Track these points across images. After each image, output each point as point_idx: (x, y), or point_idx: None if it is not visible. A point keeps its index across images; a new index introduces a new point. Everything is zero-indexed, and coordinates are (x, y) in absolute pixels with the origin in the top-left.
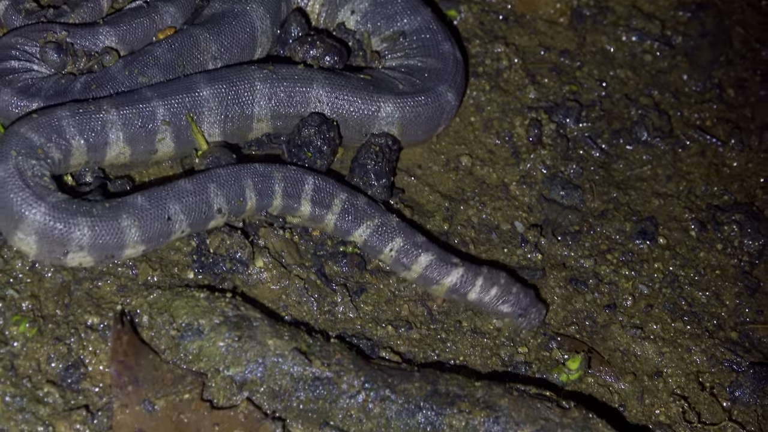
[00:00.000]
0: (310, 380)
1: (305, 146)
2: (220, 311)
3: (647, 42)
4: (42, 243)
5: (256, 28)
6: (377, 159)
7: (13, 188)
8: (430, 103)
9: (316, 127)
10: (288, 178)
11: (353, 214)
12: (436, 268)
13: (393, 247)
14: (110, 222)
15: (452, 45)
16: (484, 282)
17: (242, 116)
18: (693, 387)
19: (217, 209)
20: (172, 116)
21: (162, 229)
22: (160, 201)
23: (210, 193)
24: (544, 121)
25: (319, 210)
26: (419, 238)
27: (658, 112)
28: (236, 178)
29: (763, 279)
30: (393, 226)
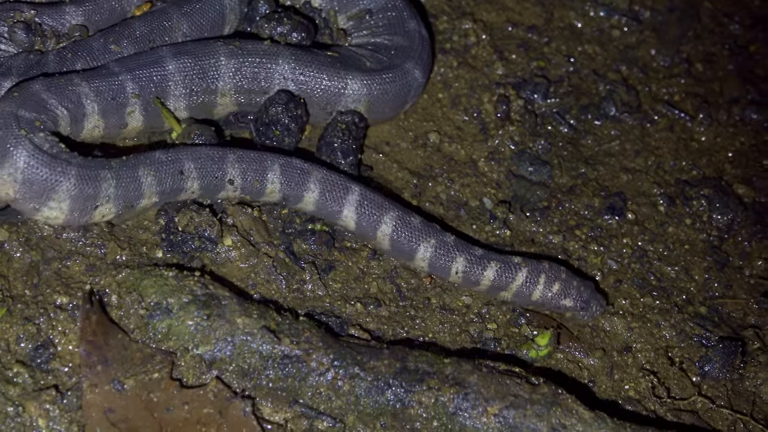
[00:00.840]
0: (279, 358)
1: (273, 125)
2: (189, 290)
3: (615, 17)
4: (75, 204)
5: (225, 5)
6: (344, 137)
7: (41, 163)
8: (397, 80)
9: (284, 105)
10: (327, 181)
11: (408, 232)
12: (503, 274)
13: (458, 268)
14: (130, 172)
15: (418, 23)
16: (547, 279)
17: (206, 91)
18: (662, 362)
19: (228, 180)
20: (141, 89)
21: (174, 184)
22: (176, 156)
23: (227, 163)
24: (512, 97)
25: (367, 224)
26: (477, 250)
27: (626, 87)
28: (259, 160)
29: (732, 253)
30: (451, 245)
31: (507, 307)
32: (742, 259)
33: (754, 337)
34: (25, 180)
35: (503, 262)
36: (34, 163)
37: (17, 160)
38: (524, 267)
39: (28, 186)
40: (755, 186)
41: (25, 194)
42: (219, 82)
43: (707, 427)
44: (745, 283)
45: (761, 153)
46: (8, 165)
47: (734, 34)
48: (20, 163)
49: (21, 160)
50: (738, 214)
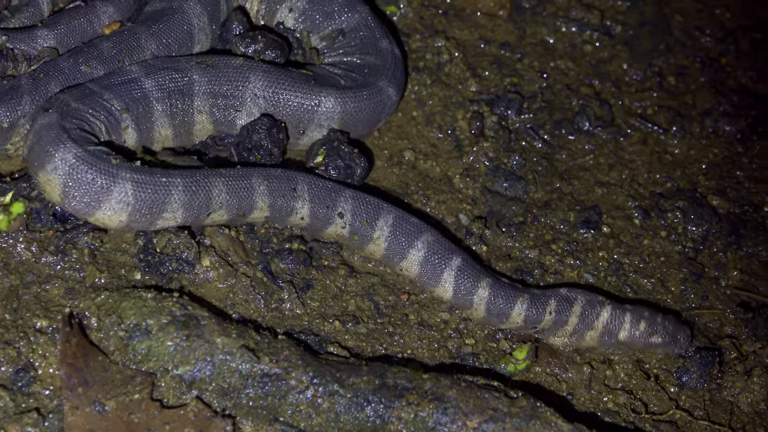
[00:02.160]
0: (259, 377)
1: (255, 149)
2: (168, 311)
3: (587, 32)
4: (137, 208)
5: (194, 25)
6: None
7: (98, 171)
8: (371, 98)
9: (266, 131)
10: (398, 220)
11: (503, 296)
12: (588, 312)
13: (551, 311)
14: (201, 178)
15: (390, 42)
16: (632, 318)
17: (185, 109)
18: (640, 374)
19: (339, 212)
20: (128, 105)
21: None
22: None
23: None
24: (485, 113)
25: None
26: (563, 291)
27: (599, 101)
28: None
29: (708, 264)
30: (544, 299)
31: (484, 326)
32: (718, 269)
33: (731, 347)
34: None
35: (589, 300)
36: (91, 171)
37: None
38: (608, 305)
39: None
40: (729, 197)
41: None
42: (195, 99)
43: None
44: (721, 293)
45: (735, 164)
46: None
47: (706, 46)
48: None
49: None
50: (713, 226)
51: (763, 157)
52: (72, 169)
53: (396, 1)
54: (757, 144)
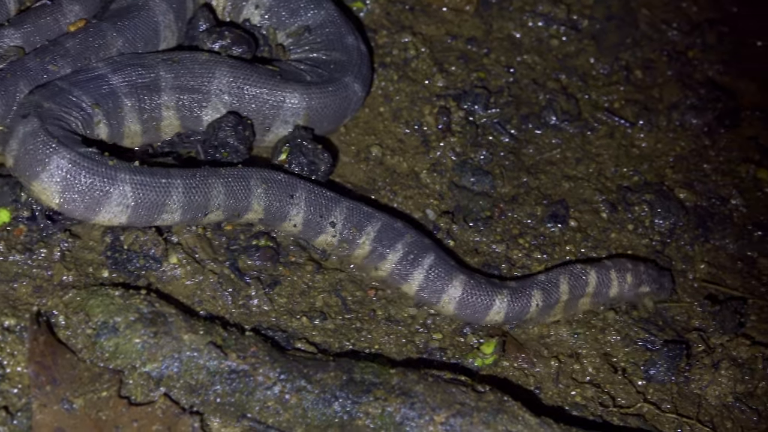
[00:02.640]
0: (227, 373)
1: (221, 147)
2: (135, 308)
3: (553, 26)
4: (138, 209)
5: (159, 22)
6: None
7: (96, 174)
8: (337, 94)
9: (232, 128)
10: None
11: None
12: (576, 284)
13: (538, 302)
14: (201, 179)
15: (356, 38)
16: (618, 274)
17: (153, 104)
18: (608, 367)
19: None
20: (98, 100)
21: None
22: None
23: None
24: (452, 108)
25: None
26: (541, 277)
27: (566, 95)
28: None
29: (675, 258)
30: (528, 292)
31: (452, 318)
32: (685, 263)
33: (698, 339)
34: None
35: (572, 274)
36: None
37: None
38: (592, 269)
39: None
40: (696, 190)
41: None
42: (162, 94)
43: (653, 431)
44: (688, 286)
45: (702, 157)
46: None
47: (672, 40)
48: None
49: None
50: (680, 219)
51: (729, 150)
52: (68, 174)
53: None
54: (724, 137)
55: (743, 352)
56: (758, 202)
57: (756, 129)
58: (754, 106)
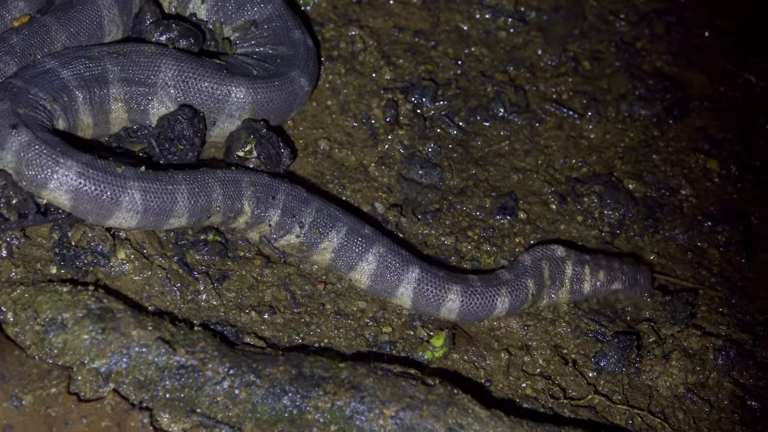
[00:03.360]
0: (176, 369)
1: (177, 140)
2: (84, 304)
3: (501, 18)
4: (147, 215)
5: (103, 16)
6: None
7: (105, 183)
8: (283, 88)
9: (189, 121)
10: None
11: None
12: (556, 272)
13: (533, 290)
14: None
15: (303, 32)
16: (591, 269)
17: (102, 96)
18: (558, 359)
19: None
20: (54, 96)
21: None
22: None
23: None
24: (400, 101)
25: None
26: (527, 262)
27: (514, 87)
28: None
29: (625, 249)
30: (522, 285)
31: (402, 311)
32: (635, 254)
33: (649, 330)
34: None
35: (552, 261)
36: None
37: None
38: (569, 261)
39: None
40: (645, 181)
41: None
42: (111, 87)
43: (604, 422)
44: None
45: (650, 148)
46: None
47: (620, 31)
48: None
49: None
50: (629, 210)
51: (678, 141)
52: (77, 184)
53: None
54: (672, 127)
55: (694, 343)
56: (708, 192)
57: (705, 119)
58: (702, 96)
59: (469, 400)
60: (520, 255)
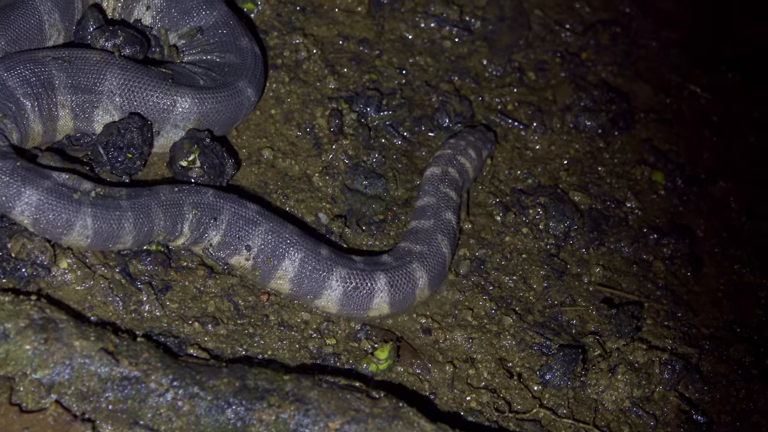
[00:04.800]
0: (118, 380)
1: (127, 148)
2: (26, 314)
3: (446, 28)
4: (96, 239)
5: (44, 21)
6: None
7: (62, 208)
8: (229, 99)
9: (138, 129)
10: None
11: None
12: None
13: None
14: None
15: (250, 40)
16: (465, 154)
17: (49, 104)
18: (503, 372)
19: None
20: (2, 110)
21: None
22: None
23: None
24: (344, 111)
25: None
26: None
27: (459, 97)
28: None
29: (570, 261)
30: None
31: (346, 323)
32: (580, 266)
33: (594, 344)
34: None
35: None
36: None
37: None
38: (440, 159)
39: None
40: (591, 193)
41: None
42: (58, 93)
43: None
44: (583, 290)
45: (596, 160)
46: None
47: (566, 41)
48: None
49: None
50: (575, 222)
51: (624, 152)
52: (36, 211)
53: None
54: (618, 139)
55: (640, 357)
56: (653, 204)
57: (650, 131)
58: (648, 108)
59: (415, 414)
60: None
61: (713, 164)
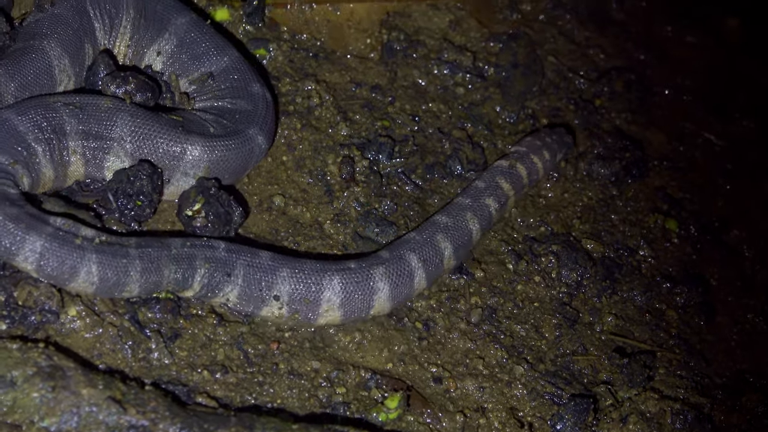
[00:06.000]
0: (126, 429)
1: (136, 195)
2: (34, 362)
3: (459, 74)
4: (102, 286)
5: (54, 66)
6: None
7: (66, 255)
8: (240, 148)
9: (149, 177)
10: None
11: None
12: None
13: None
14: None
15: (262, 86)
16: (539, 154)
17: (61, 150)
18: (514, 422)
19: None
20: (14, 156)
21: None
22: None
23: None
24: (356, 158)
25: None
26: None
27: (471, 144)
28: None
29: (582, 309)
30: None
31: (356, 371)
32: (592, 315)
33: (606, 393)
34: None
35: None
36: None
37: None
38: (519, 164)
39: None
40: (604, 241)
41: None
42: (69, 139)
43: None
44: (596, 339)
45: (609, 207)
46: None
47: (579, 88)
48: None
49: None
50: (587, 270)
51: (637, 200)
52: (40, 258)
53: (265, 44)
54: (631, 187)
55: (651, 406)
56: (666, 252)
57: (663, 179)
58: (661, 155)
59: None
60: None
61: (727, 212)
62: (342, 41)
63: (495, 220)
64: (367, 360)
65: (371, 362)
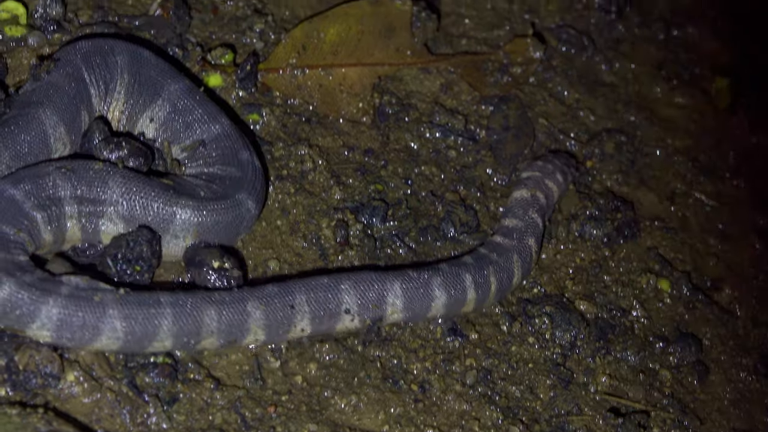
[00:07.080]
0: None
1: (136, 261)
2: (33, 427)
3: (451, 137)
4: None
5: (49, 135)
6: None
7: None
8: (229, 211)
9: (148, 243)
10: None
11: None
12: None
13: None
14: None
15: (251, 153)
16: (553, 178)
17: (58, 216)
18: None
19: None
20: (17, 225)
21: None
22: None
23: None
24: (350, 221)
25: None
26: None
27: (464, 207)
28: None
29: (576, 370)
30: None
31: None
32: (587, 375)
33: None
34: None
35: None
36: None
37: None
38: (523, 187)
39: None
40: (597, 302)
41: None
42: (65, 205)
43: None
44: (590, 399)
45: (601, 268)
46: None
47: (571, 150)
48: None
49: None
50: (581, 331)
51: (629, 261)
52: (60, 323)
53: (258, 109)
54: (623, 247)
55: None
56: (659, 313)
57: (655, 239)
58: (653, 216)
59: None
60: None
61: (719, 272)
62: (334, 105)
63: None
64: (364, 422)
65: (368, 425)
